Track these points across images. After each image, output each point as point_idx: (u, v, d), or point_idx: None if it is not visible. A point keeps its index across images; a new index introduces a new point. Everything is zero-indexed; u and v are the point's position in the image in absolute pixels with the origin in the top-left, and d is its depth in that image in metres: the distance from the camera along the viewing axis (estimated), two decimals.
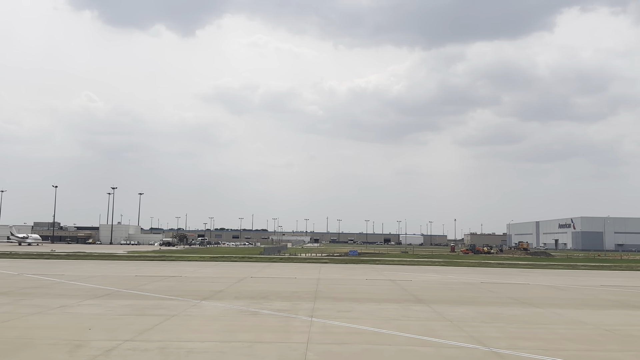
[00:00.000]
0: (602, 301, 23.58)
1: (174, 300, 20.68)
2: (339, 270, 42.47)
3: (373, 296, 23.57)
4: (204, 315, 17.04)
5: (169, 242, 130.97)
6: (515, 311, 19.55)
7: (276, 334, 14.03)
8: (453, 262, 61.48)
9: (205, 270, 39.73)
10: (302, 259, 60.87)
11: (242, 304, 19.91)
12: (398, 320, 16.90)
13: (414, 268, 47.63)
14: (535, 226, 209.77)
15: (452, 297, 24.12)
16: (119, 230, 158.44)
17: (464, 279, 35.41)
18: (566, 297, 24.90)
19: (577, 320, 17.63)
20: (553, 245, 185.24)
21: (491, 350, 12.56)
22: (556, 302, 22.87)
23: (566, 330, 15.65)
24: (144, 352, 11.86)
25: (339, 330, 14.87)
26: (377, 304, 20.92)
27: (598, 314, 19.44)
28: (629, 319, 18.33)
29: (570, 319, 17.77)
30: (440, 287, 28.75)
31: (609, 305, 21.97)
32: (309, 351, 12.08)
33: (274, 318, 16.71)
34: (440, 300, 22.63)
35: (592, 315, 18.98)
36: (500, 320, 17.30)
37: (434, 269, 47.29)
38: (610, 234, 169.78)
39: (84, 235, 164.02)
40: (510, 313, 19.01)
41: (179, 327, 14.91)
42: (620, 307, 21.37)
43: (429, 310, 19.14)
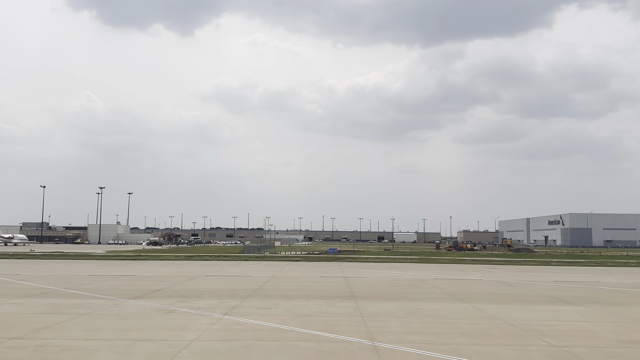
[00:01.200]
0: (538, 297, 23.61)
1: (101, 300, 20.65)
2: (302, 268, 42.51)
3: (311, 293, 23.59)
4: (115, 314, 17.02)
5: (156, 242, 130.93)
6: (438, 306, 19.60)
7: (170, 332, 14.01)
8: (428, 259, 61.54)
9: (165, 269, 39.71)
10: (277, 257, 60.84)
11: (168, 302, 19.90)
12: (311, 316, 16.92)
13: (382, 265, 47.68)
14: (525, 223, 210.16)
15: (389, 293, 24.17)
16: (107, 230, 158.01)
17: (421, 275, 35.46)
18: (505, 293, 24.95)
19: (492, 315, 17.67)
20: (543, 242, 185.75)
21: (372, 344, 12.59)
22: (489, 297, 22.92)
23: (471, 325, 15.69)
24: (19, 349, 11.86)
25: (240, 327, 14.88)
26: (306, 300, 20.94)
27: (520, 309, 19.49)
28: (546, 314, 18.36)
29: (486, 314, 17.81)
30: (386, 284, 28.78)
31: (540, 301, 22.02)
32: (186, 349, 12.07)
33: (185, 316, 16.71)
34: (374, 296, 22.66)
35: (512, 310, 19.03)
36: (413, 315, 17.35)
37: (403, 265, 47.35)
38: (598, 230, 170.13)
39: (72, 235, 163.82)
40: (430, 308, 19.06)
41: (79, 325, 14.89)
42: (550, 303, 21.39)
43: (352, 307, 19.15)
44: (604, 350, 12.40)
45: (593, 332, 14.74)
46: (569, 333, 14.52)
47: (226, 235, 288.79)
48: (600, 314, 18.45)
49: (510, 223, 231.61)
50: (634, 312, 18.97)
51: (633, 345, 13.02)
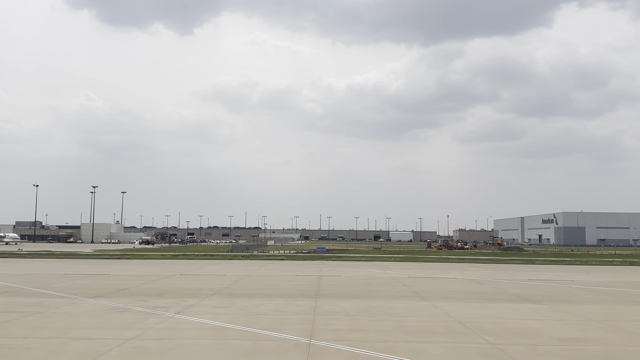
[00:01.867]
0: (503, 295, 23.64)
1: (61, 298, 20.65)
2: (282, 267, 42.52)
3: (276, 292, 23.60)
4: (66, 313, 17.03)
5: (148, 241, 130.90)
6: (396, 304, 19.63)
7: (111, 331, 14.00)
8: (414, 258, 61.60)
9: (144, 268, 39.72)
10: (263, 257, 60.81)
11: (127, 301, 19.88)
12: (263, 314, 16.93)
13: (364, 264, 47.70)
14: (520, 222, 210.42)
15: (355, 291, 24.18)
16: (100, 229, 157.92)
17: (398, 274, 35.47)
18: (470, 291, 25.00)
19: (445, 313, 17.70)
20: (537, 241, 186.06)
21: (308, 343, 12.60)
22: (452, 295, 22.97)
23: (418, 322, 15.72)
24: None
25: (184, 326, 14.88)
26: (267, 299, 20.96)
27: (477, 307, 19.54)
28: (501, 312, 18.41)
29: (440, 312, 17.84)
30: (358, 282, 28.79)
31: (502, 299, 22.06)
32: (118, 347, 12.08)
33: (136, 315, 16.70)
34: (338, 295, 22.68)
35: (468, 308, 19.07)
36: (366, 313, 17.37)
37: (384, 264, 47.36)
38: (592, 229, 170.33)
39: (66, 235, 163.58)
40: (388, 306, 19.08)
41: (24, 324, 14.90)
42: (510, 301, 21.43)
43: (309, 305, 19.16)
44: (538, 348, 12.43)
45: (537, 330, 14.76)
46: (512, 331, 14.55)
47: (222, 234, 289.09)
48: (556, 312, 18.49)
49: (505, 222, 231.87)
50: (591, 310, 19.01)
51: (570, 344, 13.06)
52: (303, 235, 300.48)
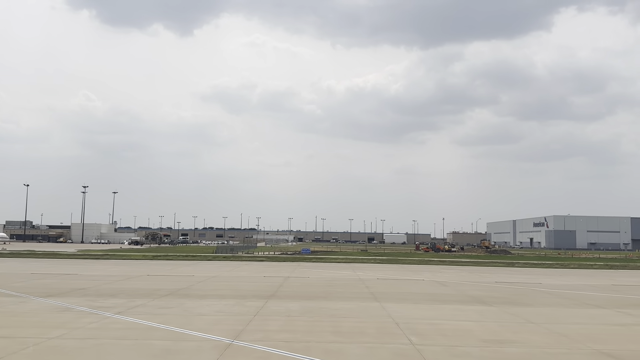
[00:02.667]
0: (459, 297, 23.70)
1: (11, 297, 20.67)
2: (255, 268, 42.52)
3: (232, 293, 23.61)
4: (7, 312, 17.06)
5: (137, 241, 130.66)
6: (344, 305, 19.66)
7: (39, 330, 13.96)
8: (396, 260, 61.69)
9: (115, 268, 39.71)
10: (244, 258, 60.76)
11: (76, 301, 19.85)
12: (204, 315, 16.93)
13: (339, 265, 47.75)
14: (512, 225, 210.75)
15: (313, 292, 24.20)
16: (90, 229, 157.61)
17: (367, 275, 35.50)
18: (428, 293, 25.05)
19: (388, 314, 17.70)
20: (529, 244, 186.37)
21: (229, 343, 12.60)
22: (407, 297, 23.04)
23: (354, 323, 15.71)
24: None
25: (115, 326, 14.86)
26: (218, 300, 20.98)
27: (425, 308, 19.60)
28: (445, 313, 18.40)
29: (383, 313, 17.84)
30: (321, 284, 28.78)
31: (455, 301, 22.09)
32: (35, 346, 12.09)
33: (74, 315, 16.68)
34: (293, 296, 22.69)
35: (414, 309, 19.12)
36: (308, 314, 17.40)
37: (360, 266, 47.41)
38: (582, 233, 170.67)
39: (56, 234, 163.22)
40: (334, 307, 19.11)
41: None
42: (462, 303, 21.45)
43: (256, 306, 19.15)
44: (456, 349, 12.45)
45: (469, 332, 14.80)
46: (443, 332, 14.59)
47: (216, 236, 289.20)
48: (501, 314, 18.53)
49: (497, 225, 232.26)
50: (536, 312, 19.04)
51: (492, 345, 13.10)
52: (297, 237, 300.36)
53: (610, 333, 15.09)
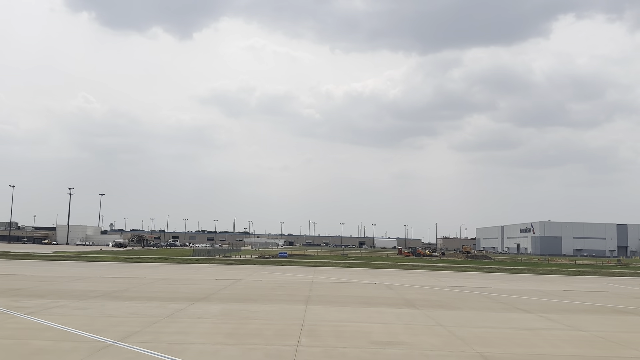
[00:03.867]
0: (393, 300, 23.68)
1: None
2: (218, 270, 42.45)
3: (167, 295, 23.50)
4: None
5: (120, 244, 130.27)
6: (267, 308, 19.63)
7: None
8: (369, 264, 61.64)
9: (73, 269, 39.73)
10: (216, 260, 60.64)
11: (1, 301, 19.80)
12: (113, 317, 16.82)
13: (307, 269, 47.65)
14: (500, 230, 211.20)
15: (249, 295, 24.10)
16: (75, 231, 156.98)
17: (323, 279, 35.42)
18: (367, 296, 25.02)
19: (301, 317, 17.60)
20: (516, 250, 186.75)
21: (110, 343, 12.55)
22: (342, 300, 23.00)
23: (261, 325, 15.64)
24: None
25: (13, 326, 14.80)
26: (143, 302, 20.83)
27: (347, 310, 19.53)
28: (362, 315, 18.34)
29: (298, 316, 17.74)
30: (267, 287, 28.68)
31: (385, 304, 21.98)
32: None
33: None
34: (226, 298, 22.59)
35: (335, 312, 19.04)
36: (222, 317, 17.34)
37: (327, 269, 47.31)
38: (568, 239, 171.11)
39: (41, 236, 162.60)
40: (255, 309, 19.07)
41: None
42: (390, 306, 21.38)
43: (177, 308, 19.04)
44: (335, 351, 12.44)
45: (366, 333, 14.78)
46: (339, 334, 14.58)
47: (207, 239, 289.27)
48: (417, 316, 18.56)
49: (486, 230, 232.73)
50: (455, 316, 19.08)
51: (376, 347, 13.08)
52: (288, 241, 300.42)
53: (509, 337, 15.10)
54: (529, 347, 13.65)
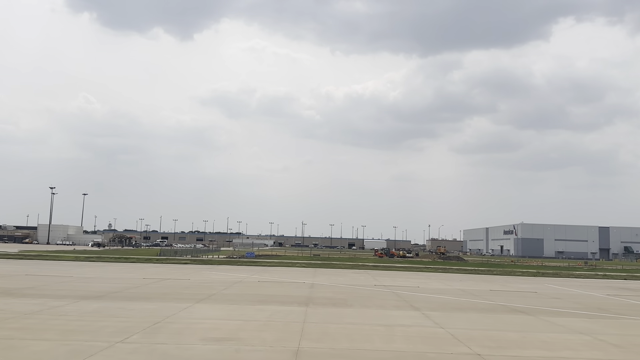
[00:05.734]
0: (299, 299, 23.67)
1: None
2: (160, 270, 42.51)
3: (68, 293, 23.56)
4: None
5: (99, 243, 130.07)
6: (145, 306, 19.61)
7: None
8: (330, 264, 61.62)
9: (13, 267, 39.75)
10: (175, 260, 60.62)
11: None
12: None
13: (255, 269, 47.67)
14: (485, 232, 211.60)
15: (153, 293, 24.16)
16: (57, 231, 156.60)
17: (256, 278, 35.48)
18: (272, 295, 25.07)
19: (170, 314, 17.69)
20: (499, 252, 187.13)
21: None
22: (239, 299, 23.11)
23: (114, 322, 15.73)
24: None
25: None
26: (36, 299, 20.93)
27: (227, 308, 19.65)
28: (238, 313, 18.46)
29: (165, 314, 17.77)
30: (182, 286, 28.65)
31: (281, 302, 22.06)
32: None
33: None
34: (128, 297, 22.47)
35: (209, 310, 19.18)
36: (81, 314, 17.38)
37: (276, 269, 47.39)
38: (550, 241, 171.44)
39: (22, 235, 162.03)
40: (130, 307, 19.12)
41: None
42: (284, 304, 21.44)
43: (56, 305, 19.13)
44: (158, 347, 12.54)
45: (213, 330, 14.86)
46: (186, 330, 14.67)
47: (196, 239, 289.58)
48: (297, 314, 18.54)
49: (472, 232, 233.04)
50: (340, 313, 19.19)
51: (222, 343, 13.17)
52: (277, 242, 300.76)
53: (351, 333, 15.11)
54: (360, 343, 13.74)
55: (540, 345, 14.38)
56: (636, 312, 23.09)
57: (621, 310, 23.56)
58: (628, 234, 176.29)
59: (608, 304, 26.36)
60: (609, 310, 23.43)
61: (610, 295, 32.05)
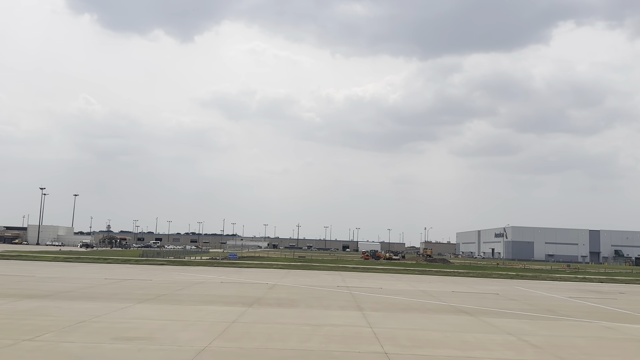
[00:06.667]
0: (242, 299, 23.72)
1: None
2: (131, 271, 42.46)
3: (15, 292, 23.51)
4: None
5: (87, 244, 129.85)
6: (80, 305, 19.54)
7: None
8: (310, 266, 61.64)
9: None
10: (153, 261, 60.54)
11: None
12: None
13: (228, 270, 47.66)
14: (477, 235, 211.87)
15: (103, 293, 24.14)
16: (47, 231, 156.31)
17: (217, 279, 35.47)
18: (216, 295, 25.10)
19: (101, 314, 17.67)
20: (490, 254, 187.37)
21: None
22: (205, 299, 23.08)
23: (33, 321, 15.72)
24: None
25: None
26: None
27: (160, 308, 19.59)
28: (162, 313, 18.47)
29: (94, 314, 17.77)
30: (139, 287, 28.63)
31: (223, 303, 22.03)
32: None
33: None
34: (77, 297, 22.50)
35: (140, 309, 19.14)
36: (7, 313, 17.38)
37: (248, 271, 47.36)
38: (540, 244, 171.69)
39: (11, 235, 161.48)
40: (60, 306, 19.07)
41: None
42: (227, 305, 21.42)
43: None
44: (60, 345, 12.53)
45: (132, 329, 14.84)
46: (99, 330, 14.64)
47: (190, 240, 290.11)
48: (230, 315, 18.54)
49: (465, 235, 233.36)
50: (276, 313, 19.17)
51: (118, 342, 13.15)
52: (272, 244, 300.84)
53: (279, 332, 15.16)
54: (274, 342, 13.71)
55: (458, 345, 14.40)
56: (584, 314, 23.10)
57: (570, 312, 23.57)
58: (618, 237, 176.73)
59: (562, 306, 26.40)
60: (557, 312, 23.46)
61: (572, 298, 32.11)
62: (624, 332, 18.31)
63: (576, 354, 13.94)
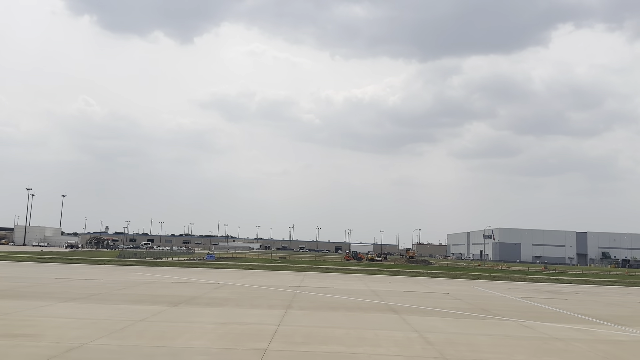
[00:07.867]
0: (175, 299, 23.83)
1: None
2: (93, 271, 42.46)
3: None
4: None
5: (72, 245, 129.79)
6: (40, 303, 19.68)
7: None
8: (285, 267, 61.72)
9: None
10: (126, 262, 60.51)
11: None
12: None
13: (194, 270, 47.71)
14: (466, 237, 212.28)
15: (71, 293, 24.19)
16: (34, 232, 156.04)
17: (181, 279, 35.52)
18: (175, 294, 25.16)
19: (51, 314, 17.74)
20: (479, 256, 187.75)
21: None
22: (140, 298, 23.12)
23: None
24: None
25: None
26: None
27: (110, 307, 19.67)
28: (109, 313, 18.53)
29: (41, 314, 17.86)
30: (89, 286, 28.77)
31: (168, 302, 22.21)
32: None
33: None
34: (37, 296, 22.62)
35: (91, 309, 19.18)
36: None
37: (216, 271, 47.42)
38: (527, 246, 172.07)
39: None
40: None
41: None
42: (172, 305, 21.59)
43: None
44: None
45: (55, 328, 14.92)
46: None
47: (182, 242, 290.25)
48: (171, 313, 18.67)
49: (455, 236, 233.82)
50: (214, 312, 19.30)
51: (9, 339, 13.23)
52: (264, 245, 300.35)
53: (180, 330, 15.25)
54: (166, 340, 13.80)
55: (350, 341, 14.48)
56: (515, 314, 23.12)
57: (502, 312, 23.64)
58: (606, 239, 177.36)
59: (501, 306, 26.54)
60: (490, 312, 23.57)
61: (522, 298, 32.24)
62: (538, 331, 18.43)
63: (463, 350, 14.06)
